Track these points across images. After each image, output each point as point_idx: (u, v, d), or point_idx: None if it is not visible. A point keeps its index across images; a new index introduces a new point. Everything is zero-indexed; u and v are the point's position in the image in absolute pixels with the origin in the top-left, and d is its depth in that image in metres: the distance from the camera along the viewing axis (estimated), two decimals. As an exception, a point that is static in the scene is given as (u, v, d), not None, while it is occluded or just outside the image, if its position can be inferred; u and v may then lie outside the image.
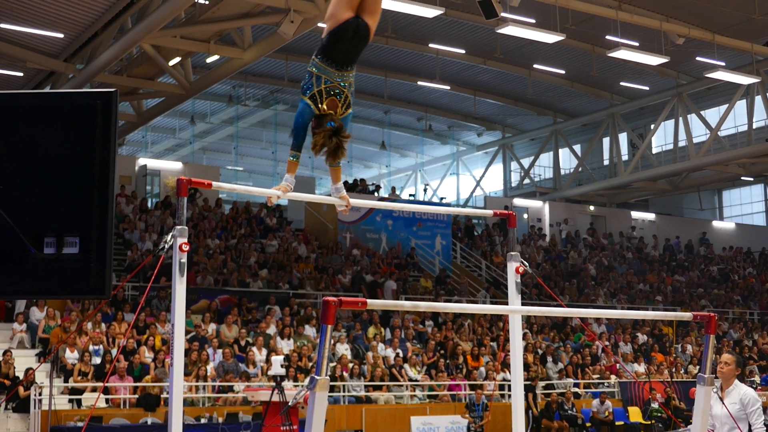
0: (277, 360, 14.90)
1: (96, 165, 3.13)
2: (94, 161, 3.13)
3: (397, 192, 37.22)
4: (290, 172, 6.80)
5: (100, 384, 16.87)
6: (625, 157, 36.21)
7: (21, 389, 16.59)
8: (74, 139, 3.15)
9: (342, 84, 6.43)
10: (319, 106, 6.43)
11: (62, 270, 3.11)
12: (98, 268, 3.11)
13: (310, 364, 19.70)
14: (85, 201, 3.12)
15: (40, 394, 16.54)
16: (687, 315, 6.96)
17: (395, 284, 26.27)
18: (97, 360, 18.18)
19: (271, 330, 21.32)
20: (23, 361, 17.71)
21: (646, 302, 31.01)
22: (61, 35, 22.12)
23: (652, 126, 34.42)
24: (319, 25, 22.07)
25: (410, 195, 41.04)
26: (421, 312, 24.39)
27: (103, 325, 19.58)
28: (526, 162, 39.62)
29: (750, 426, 7.65)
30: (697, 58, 28.39)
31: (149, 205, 27.31)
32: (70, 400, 17.44)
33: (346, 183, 31.53)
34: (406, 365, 21.34)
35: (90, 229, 3.11)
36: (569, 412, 21.03)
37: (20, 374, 17.19)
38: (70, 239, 3.10)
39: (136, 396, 17.61)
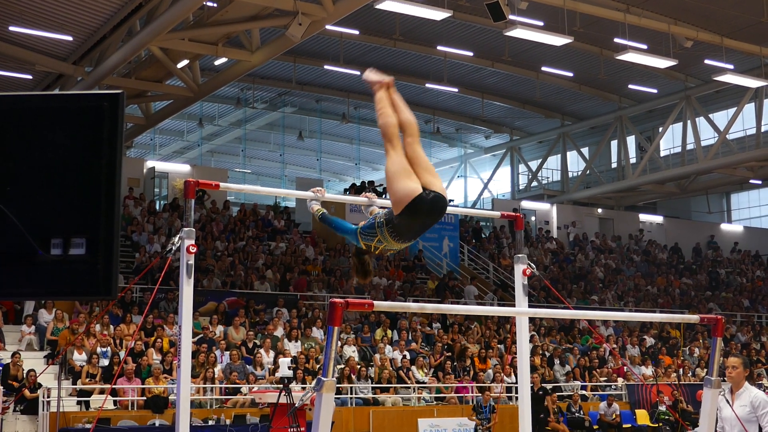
0: (285, 362, 14.92)
1: (103, 166, 3.14)
2: (101, 162, 3.14)
3: (405, 194, 37.16)
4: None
5: (108, 386, 16.89)
6: (633, 160, 36.18)
7: (27, 392, 16.61)
8: (81, 140, 3.16)
9: (397, 248, 6.40)
10: (371, 250, 6.45)
11: (69, 271, 3.12)
12: (105, 269, 3.12)
13: (318, 366, 19.70)
14: (92, 202, 3.13)
15: (48, 396, 16.58)
16: (694, 317, 6.97)
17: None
18: (105, 362, 18.21)
19: (279, 332, 21.35)
20: (32, 363, 17.74)
21: (652, 305, 30.95)
22: (69, 38, 22.19)
23: (660, 129, 34.37)
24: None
25: (418, 197, 40.94)
26: (428, 314, 24.40)
27: (111, 327, 19.63)
28: (533, 164, 39.61)
29: (760, 428, 7.65)
30: (706, 61, 28.34)
31: (157, 207, 27.37)
32: (78, 402, 17.47)
33: (353, 185, 31.61)
34: (413, 367, 21.34)
35: (97, 230, 3.12)
36: (576, 414, 21.01)
37: (29, 376, 17.25)
38: (77, 240, 3.11)
39: (144, 398, 17.63)
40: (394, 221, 6.01)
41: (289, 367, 14.87)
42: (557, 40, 23.45)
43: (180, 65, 24.10)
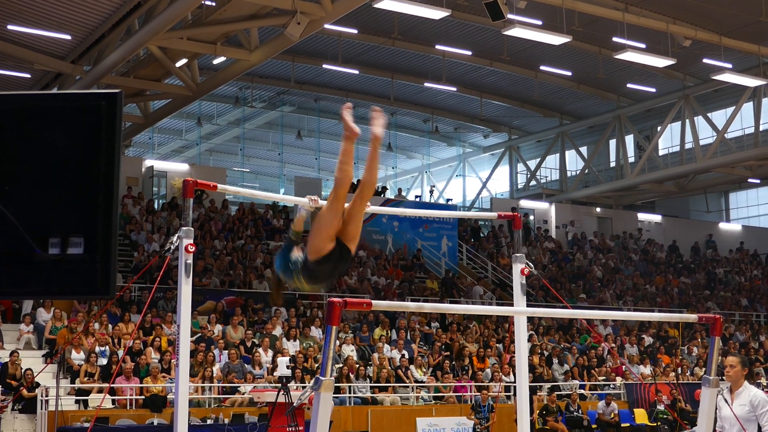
0: (283, 361, 14.93)
1: (101, 165, 3.14)
2: (99, 162, 3.14)
3: (404, 193, 37.23)
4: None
5: (107, 385, 16.89)
6: (631, 159, 36.17)
7: (24, 391, 16.60)
8: (79, 140, 3.16)
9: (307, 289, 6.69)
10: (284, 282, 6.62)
11: (67, 271, 3.11)
12: (103, 268, 3.12)
13: (316, 365, 19.69)
14: (90, 201, 3.13)
15: (46, 395, 16.57)
16: (692, 317, 6.97)
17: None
18: (104, 361, 18.20)
19: (277, 331, 21.34)
20: (30, 362, 17.74)
21: (651, 304, 30.96)
22: (68, 37, 22.17)
23: (659, 128, 34.37)
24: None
25: (416, 197, 41.04)
26: (427, 313, 24.40)
27: (110, 326, 19.62)
28: (532, 164, 39.61)
29: (760, 428, 7.65)
30: (704, 60, 28.34)
31: (156, 206, 27.34)
32: (77, 401, 17.47)
33: (352, 185, 31.57)
34: (411, 366, 21.34)
35: (95, 230, 3.12)
36: (575, 413, 21.01)
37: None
38: (75, 240, 3.11)
39: (143, 397, 17.63)
40: (309, 267, 6.19)
41: (287, 366, 14.87)
42: (556, 39, 23.45)
43: (179, 64, 24.09)
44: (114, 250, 3.13)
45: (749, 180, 36.67)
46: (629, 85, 32.47)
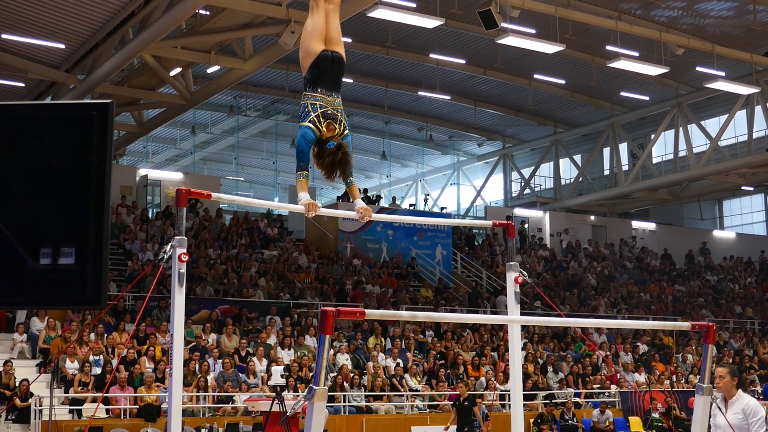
0: (278, 370, 14.91)
1: (92, 175, 3.14)
2: (90, 172, 3.14)
3: (398, 202, 37.20)
4: (304, 189, 6.96)
5: (100, 394, 16.84)
6: (625, 167, 36.21)
7: (17, 400, 16.56)
8: (70, 150, 3.16)
9: (335, 107, 7.07)
10: (321, 128, 6.89)
11: (58, 280, 3.11)
12: (94, 278, 3.12)
13: (311, 374, 19.66)
14: (81, 211, 3.13)
15: (40, 405, 16.53)
16: (686, 324, 6.98)
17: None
18: (98, 370, 18.17)
19: (272, 340, 21.31)
20: (24, 371, 17.70)
21: (645, 312, 30.96)
22: (62, 46, 22.17)
23: (653, 136, 34.44)
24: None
25: (411, 205, 41.06)
26: (421, 322, 24.37)
27: (104, 335, 19.57)
28: (526, 172, 39.64)
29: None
30: (697, 69, 28.41)
31: (150, 215, 27.32)
32: (71, 411, 17.42)
33: (347, 193, 31.55)
34: (406, 375, 21.32)
35: (86, 240, 3.12)
36: (570, 421, 21.00)
37: (20, 385, 17.18)
38: (66, 249, 3.11)
39: (137, 406, 17.59)
40: (307, 77, 7.10)
41: (282, 375, 14.85)
42: (549, 48, 23.48)
43: (173, 73, 24.08)
44: (105, 260, 3.13)
45: (743, 187, 36.77)
46: (623, 94, 32.54)
